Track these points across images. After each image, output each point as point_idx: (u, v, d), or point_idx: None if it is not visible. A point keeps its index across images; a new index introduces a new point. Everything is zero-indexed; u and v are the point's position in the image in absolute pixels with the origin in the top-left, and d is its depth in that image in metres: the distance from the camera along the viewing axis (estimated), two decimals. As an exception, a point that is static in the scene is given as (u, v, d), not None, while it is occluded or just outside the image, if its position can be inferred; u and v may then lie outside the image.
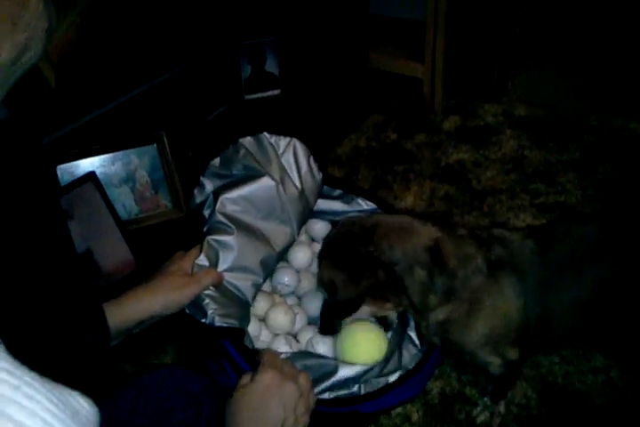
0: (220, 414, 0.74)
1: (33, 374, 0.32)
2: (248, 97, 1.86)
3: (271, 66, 1.87)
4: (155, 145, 1.49)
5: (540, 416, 1.23)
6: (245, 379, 0.78)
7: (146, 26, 1.40)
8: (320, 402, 0.95)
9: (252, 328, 1.11)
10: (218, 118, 1.77)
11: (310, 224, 1.28)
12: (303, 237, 1.28)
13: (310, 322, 1.19)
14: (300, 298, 1.23)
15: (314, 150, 1.25)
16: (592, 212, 1.66)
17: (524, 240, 1.04)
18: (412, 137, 1.96)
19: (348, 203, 1.25)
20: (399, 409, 1.23)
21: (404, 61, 2.04)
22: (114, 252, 1.36)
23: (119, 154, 1.46)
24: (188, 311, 0.97)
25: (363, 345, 1.08)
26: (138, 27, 1.40)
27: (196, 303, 0.97)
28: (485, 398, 1.23)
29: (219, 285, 1.00)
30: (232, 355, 0.95)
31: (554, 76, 2.17)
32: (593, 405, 1.24)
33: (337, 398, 0.99)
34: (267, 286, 1.22)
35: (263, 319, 1.16)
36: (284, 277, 1.21)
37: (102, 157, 1.44)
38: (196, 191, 1.14)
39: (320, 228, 1.27)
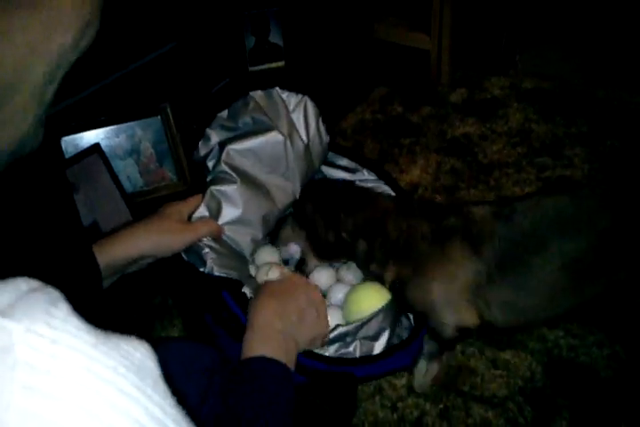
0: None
1: (98, 330, 0.33)
2: (252, 68, 1.84)
3: (275, 37, 1.84)
4: (159, 117, 1.48)
5: (544, 389, 1.24)
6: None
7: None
8: (318, 357, 0.97)
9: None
10: (222, 90, 1.75)
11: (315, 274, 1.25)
12: None
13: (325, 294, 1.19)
14: (307, 275, 1.23)
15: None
16: (584, 182, 1.64)
17: (484, 211, 1.06)
18: (418, 110, 1.94)
19: (352, 173, 1.24)
20: (404, 381, 1.24)
21: (410, 33, 2.01)
22: (119, 224, 1.35)
23: (123, 126, 1.45)
24: (186, 259, 0.96)
25: (364, 301, 1.09)
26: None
27: (195, 252, 0.96)
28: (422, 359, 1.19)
29: (217, 237, 0.99)
30: (230, 305, 0.95)
31: (562, 48, 2.14)
32: (598, 378, 1.25)
33: (333, 357, 0.99)
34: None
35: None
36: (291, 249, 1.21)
37: (107, 129, 1.43)
38: (200, 143, 1.11)
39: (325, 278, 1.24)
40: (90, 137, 1.41)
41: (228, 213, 1.02)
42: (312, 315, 0.85)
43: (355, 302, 1.09)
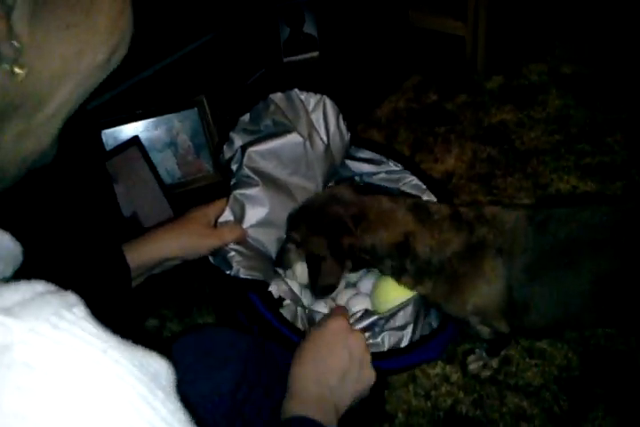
0: (267, 370, 0.77)
1: (116, 338, 0.32)
2: (287, 59, 1.85)
3: (310, 27, 1.84)
4: (196, 109, 1.50)
5: (580, 378, 1.23)
6: (315, 327, 0.82)
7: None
8: None
9: (297, 289, 1.12)
10: (257, 81, 1.76)
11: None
12: None
13: (347, 286, 1.21)
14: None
15: (352, 112, 1.23)
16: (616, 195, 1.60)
17: (517, 222, 1.01)
18: (454, 98, 1.93)
19: (377, 164, 1.24)
20: (438, 370, 1.25)
21: (446, 19, 1.98)
22: (158, 215, 1.39)
23: (162, 119, 1.48)
24: (213, 262, 0.99)
25: (392, 291, 1.09)
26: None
27: (222, 255, 0.98)
28: (482, 350, 1.23)
29: (242, 241, 1.01)
30: (257, 306, 0.97)
31: (600, 32, 2.08)
32: (636, 367, 1.23)
33: None
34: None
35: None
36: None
37: (145, 121, 1.47)
38: (225, 147, 1.14)
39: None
40: (129, 130, 1.45)
41: (253, 215, 1.04)
42: (354, 373, 0.79)
43: (383, 292, 1.10)
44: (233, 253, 0.98)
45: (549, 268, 1.00)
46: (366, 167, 1.24)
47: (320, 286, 1.03)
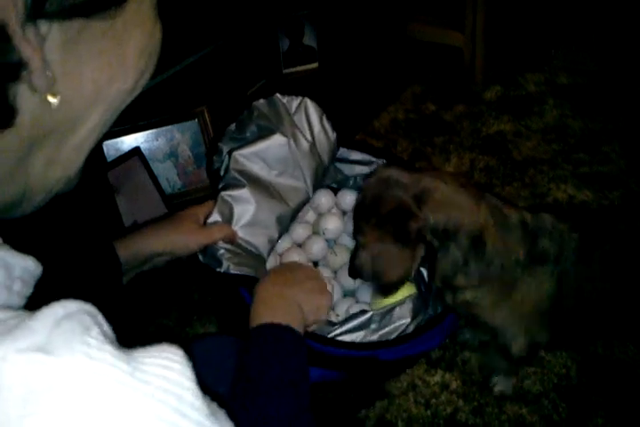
0: None
1: (130, 353, 0.33)
2: (287, 70, 1.87)
3: (309, 39, 1.87)
4: (196, 120, 1.52)
5: (579, 386, 1.24)
6: None
7: (184, 2, 1.42)
8: (338, 344, 0.99)
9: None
10: (257, 92, 1.78)
11: (341, 196, 1.29)
12: (334, 210, 1.30)
13: (346, 294, 1.21)
14: (335, 272, 1.25)
15: (351, 123, 1.25)
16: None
17: (571, 234, 1.01)
18: (452, 108, 1.94)
19: (367, 165, 1.25)
20: (437, 378, 1.26)
21: (444, 31, 2.01)
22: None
23: (162, 130, 1.50)
24: (202, 260, 1.00)
25: (390, 299, 1.08)
26: (177, 3, 1.42)
27: (211, 253, 0.99)
28: (499, 376, 1.23)
29: (232, 241, 1.02)
30: (248, 301, 0.97)
31: (597, 42, 2.11)
32: (635, 375, 1.24)
33: (355, 342, 1.00)
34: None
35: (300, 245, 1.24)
36: (328, 224, 1.25)
37: (146, 132, 1.48)
38: (215, 158, 1.15)
39: (351, 199, 1.26)
40: (130, 141, 1.46)
41: (241, 216, 1.05)
42: (313, 285, 0.92)
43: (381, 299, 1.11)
44: (222, 251, 0.99)
45: (598, 277, 1.03)
46: (358, 169, 1.26)
47: (388, 283, 1.01)
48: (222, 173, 1.10)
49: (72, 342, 0.31)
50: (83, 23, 0.35)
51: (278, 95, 1.15)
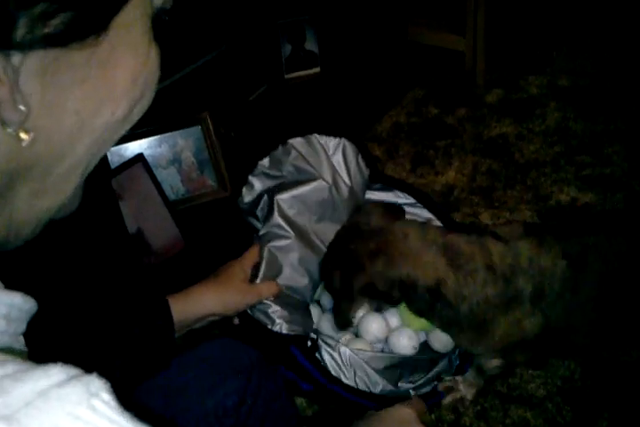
0: (269, 382, 0.78)
1: (136, 422, 0.29)
2: (288, 75, 1.87)
3: (311, 44, 1.87)
4: (199, 126, 1.53)
5: (584, 389, 1.24)
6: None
7: (186, 8, 1.43)
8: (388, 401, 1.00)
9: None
10: (259, 98, 1.79)
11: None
12: None
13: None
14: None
15: (353, 128, 1.24)
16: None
17: (556, 265, 0.97)
18: (454, 111, 1.95)
19: (387, 195, 1.25)
20: (442, 381, 1.26)
21: (445, 34, 2.01)
22: (163, 231, 1.41)
23: (165, 136, 1.50)
24: (253, 316, 0.99)
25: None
26: (178, 10, 1.42)
27: (261, 310, 0.99)
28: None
29: (277, 296, 1.02)
30: (300, 361, 0.99)
31: (598, 44, 2.11)
32: (638, 377, 1.24)
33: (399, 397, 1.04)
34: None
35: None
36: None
37: (149, 139, 1.49)
38: (244, 190, 1.14)
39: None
40: (134, 147, 1.47)
41: (287, 267, 1.05)
42: None
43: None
44: (275, 309, 0.99)
45: (588, 300, 1.00)
46: (384, 196, 1.26)
47: (337, 322, 1.06)
48: (261, 214, 1.09)
49: (53, 413, 0.27)
50: (61, 52, 0.33)
51: (316, 135, 1.15)
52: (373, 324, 1.17)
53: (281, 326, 0.99)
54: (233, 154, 1.54)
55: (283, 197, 1.09)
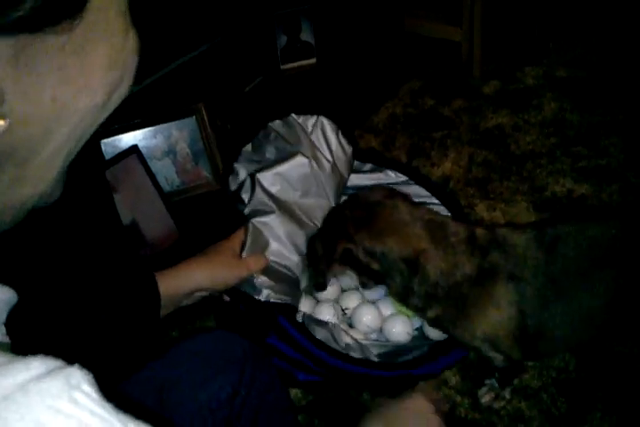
0: (263, 373, 0.78)
1: (128, 419, 0.29)
2: (284, 66, 1.86)
3: (307, 35, 1.86)
4: (194, 117, 1.52)
5: (579, 380, 1.24)
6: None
7: (181, -1, 1.42)
8: (380, 366, 1.02)
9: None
10: (255, 89, 1.78)
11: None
12: None
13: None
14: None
15: (349, 119, 1.25)
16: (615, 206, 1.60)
17: (528, 245, 0.99)
18: (450, 102, 1.94)
19: (378, 177, 1.25)
20: (437, 373, 1.26)
21: (442, 25, 2.00)
22: (158, 222, 1.40)
23: (160, 127, 1.49)
24: (241, 288, 1.00)
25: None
26: (173, 1, 1.42)
27: (249, 282, 1.00)
28: (492, 380, 1.22)
29: (266, 270, 1.02)
30: (288, 329, 1.00)
31: (595, 35, 2.10)
32: (634, 368, 1.24)
33: (393, 363, 1.07)
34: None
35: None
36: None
37: (144, 130, 1.48)
38: (230, 178, 1.15)
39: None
40: (128, 139, 1.46)
41: (273, 242, 1.05)
42: None
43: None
44: (260, 280, 0.99)
45: (563, 291, 1.00)
46: (366, 180, 1.26)
47: (313, 282, 1.08)
48: (246, 196, 1.10)
49: (32, 407, 0.27)
50: (34, 38, 0.32)
51: (293, 115, 1.15)
52: (367, 315, 1.17)
53: (268, 295, 0.99)
54: (228, 145, 1.54)
55: (264, 175, 1.10)
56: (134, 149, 1.43)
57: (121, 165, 1.39)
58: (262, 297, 0.99)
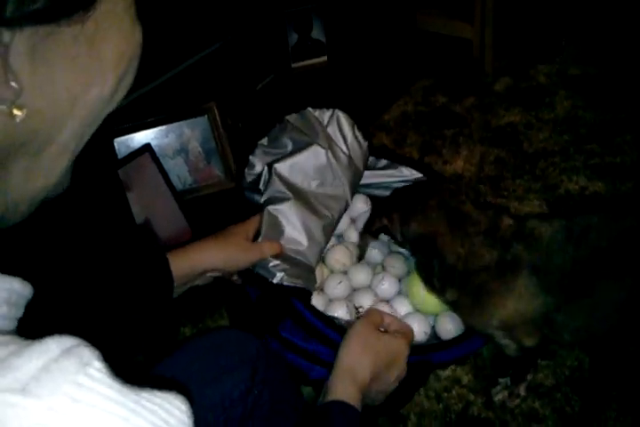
0: (275, 372, 0.78)
1: (134, 395, 0.31)
2: (295, 65, 1.86)
3: (318, 33, 1.86)
4: (206, 116, 1.52)
5: (592, 379, 1.23)
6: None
7: (192, -2, 1.42)
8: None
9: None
10: (266, 87, 1.78)
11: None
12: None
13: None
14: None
15: (361, 117, 1.25)
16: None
17: (555, 236, 0.98)
18: (462, 100, 1.93)
19: (392, 173, 1.26)
20: (448, 372, 1.26)
21: (453, 22, 1.99)
22: (171, 221, 1.41)
23: (172, 126, 1.50)
24: (255, 271, 1.00)
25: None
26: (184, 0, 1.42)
27: (263, 265, 1.00)
28: (506, 378, 1.22)
29: (280, 255, 1.03)
30: (303, 313, 1.00)
31: (608, 33, 2.08)
32: (647, 367, 1.23)
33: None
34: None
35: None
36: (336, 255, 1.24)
37: (156, 129, 1.49)
38: (246, 171, 1.16)
39: (360, 205, 1.28)
40: (141, 138, 1.47)
41: (289, 229, 1.05)
42: (399, 377, 0.92)
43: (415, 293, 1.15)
44: (274, 263, 1.00)
45: (589, 283, 0.98)
46: (380, 177, 1.26)
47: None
48: (262, 186, 1.11)
49: (59, 383, 0.29)
50: (50, 29, 0.33)
51: (310, 109, 1.16)
52: None
53: (282, 278, 0.99)
54: (240, 144, 1.54)
55: (281, 165, 1.11)
56: (147, 148, 1.43)
57: (134, 164, 1.40)
58: (276, 280, 0.99)
